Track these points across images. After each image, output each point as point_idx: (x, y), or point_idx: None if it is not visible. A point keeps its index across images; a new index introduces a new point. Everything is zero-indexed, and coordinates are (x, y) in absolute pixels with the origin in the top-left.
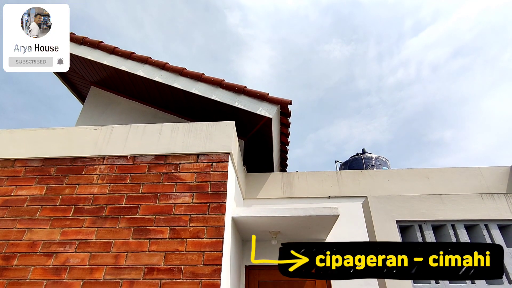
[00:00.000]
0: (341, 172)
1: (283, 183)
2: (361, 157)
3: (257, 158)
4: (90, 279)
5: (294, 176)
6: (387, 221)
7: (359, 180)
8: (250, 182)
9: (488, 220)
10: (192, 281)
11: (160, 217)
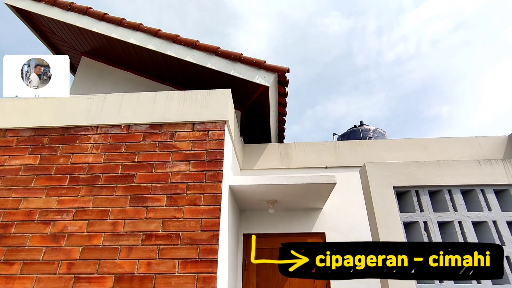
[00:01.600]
0: (339, 143)
1: (280, 154)
2: (359, 129)
3: (254, 129)
4: (89, 246)
5: (291, 146)
6: (384, 187)
7: (356, 150)
8: (247, 153)
9: (484, 185)
10: (190, 246)
11: (156, 185)
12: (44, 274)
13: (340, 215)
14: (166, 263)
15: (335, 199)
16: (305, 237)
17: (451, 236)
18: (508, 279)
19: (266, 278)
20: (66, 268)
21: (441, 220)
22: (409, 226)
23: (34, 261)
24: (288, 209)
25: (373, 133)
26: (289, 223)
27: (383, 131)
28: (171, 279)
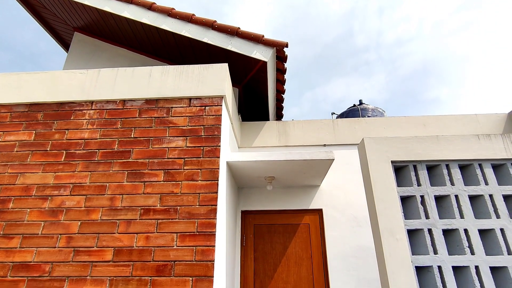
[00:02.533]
0: (337, 120)
1: (278, 131)
2: (358, 108)
3: (252, 108)
4: (87, 220)
5: (289, 124)
6: (382, 162)
7: (355, 127)
8: (245, 131)
9: (482, 159)
10: (188, 220)
11: (153, 160)
12: (44, 247)
13: (337, 193)
14: (165, 236)
15: (332, 176)
16: (303, 214)
17: (447, 210)
18: (501, 250)
19: (264, 253)
20: (66, 241)
21: (438, 194)
22: (406, 200)
23: (33, 235)
24: (286, 186)
25: (372, 112)
26: (287, 200)
27: (382, 110)
28: (170, 252)
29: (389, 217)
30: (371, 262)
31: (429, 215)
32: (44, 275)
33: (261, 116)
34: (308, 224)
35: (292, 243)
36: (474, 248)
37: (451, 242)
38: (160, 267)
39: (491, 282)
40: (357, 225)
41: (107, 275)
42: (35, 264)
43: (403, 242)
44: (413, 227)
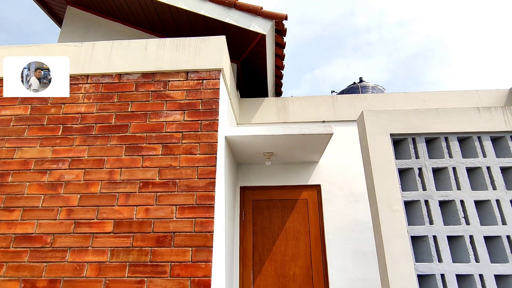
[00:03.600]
0: (337, 97)
1: (277, 108)
2: (358, 86)
3: (250, 84)
4: (87, 193)
5: (288, 101)
6: (381, 135)
7: (354, 104)
8: (243, 108)
9: (482, 132)
10: (187, 193)
11: (151, 134)
12: (45, 220)
13: (336, 168)
14: (164, 209)
15: (331, 152)
16: (301, 189)
17: (444, 182)
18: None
19: (262, 228)
20: (66, 214)
21: (436, 166)
22: (404, 172)
23: (33, 208)
24: (285, 162)
25: (372, 90)
26: (285, 176)
27: (382, 88)
28: (169, 224)
29: (387, 189)
30: (367, 235)
31: (426, 187)
32: (46, 246)
33: (260, 93)
34: (307, 199)
35: (290, 218)
36: (470, 218)
37: (447, 213)
38: (160, 238)
39: (485, 251)
40: (354, 200)
41: (108, 245)
42: (37, 236)
43: (399, 213)
44: (410, 198)
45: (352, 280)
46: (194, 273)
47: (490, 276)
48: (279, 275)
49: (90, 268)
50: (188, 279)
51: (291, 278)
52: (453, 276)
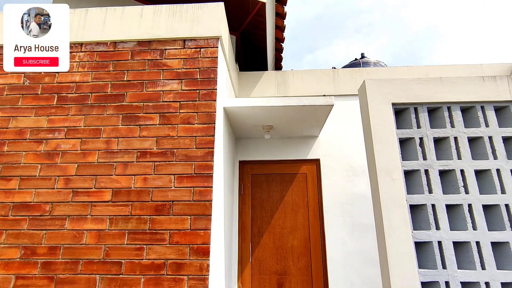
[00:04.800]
0: (338, 70)
1: (277, 82)
2: (359, 61)
3: (250, 58)
4: (84, 162)
5: (289, 74)
6: (382, 104)
7: (356, 78)
8: (242, 81)
9: (485, 101)
10: (185, 163)
11: (148, 104)
12: (42, 189)
13: (335, 143)
14: (162, 178)
15: (331, 127)
16: (300, 163)
17: (445, 152)
18: (495, 190)
19: (261, 201)
20: (64, 183)
21: (437, 136)
22: (404, 142)
23: (31, 177)
24: (284, 137)
25: (373, 66)
26: (284, 151)
27: (384, 64)
28: (168, 193)
29: (387, 158)
30: (366, 209)
31: (427, 157)
32: (45, 214)
33: (259, 67)
34: (306, 173)
35: (289, 192)
36: (469, 187)
37: (447, 183)
38: (158, 207)
39: (482, 219)
40: (354, 175)
41: (106, 214)
42: (35, 204)
43: (399, 182)
44: (410, 168)
45: (349, 252)
46: (193, 240)
47: (487, 243)
48: (277, 247)
49: (89, 236)
50: (187, 246)
51: (289, 250)
52: (450, 243)
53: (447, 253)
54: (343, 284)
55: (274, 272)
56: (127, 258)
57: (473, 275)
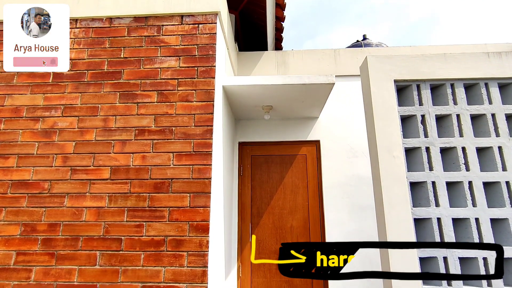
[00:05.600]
0: (339, 50)
1: (277, 62)
2: (361, 43)
3: (249, 38)
4: (82, 140)
5: (289, 55)
6: (384, 81)
7: (357, 58)
8: (242, 61)
9: (489, 78)
10: (184, 140)
11: (146, 81)
12: (41, 166)
13: (335, 124)
14: (161, 156)
15: (332, 108)
16: (300, 145)
17: (447, 129)
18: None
19: (261, 182)
20: (62, 161)
21: (440, 114)
22: (406, 120)
23: (28, 155)
24: (284, 118)
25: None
26: (284, 132)
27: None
28: (167, 170)
29: (388, 135)
30: (365, 190)
31: (428, 134)
32: (43, 192)
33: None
34: (305, 155)
35: (288, 173)
36: (470, 165)
37: (448, 160)
38: (157, 185)
39: (482, 196)
40: (353, 156)
41: (105, 192)
42: (34, 182)
43: (400, 159)
44: (411, 145)
45: (348, 232)
46: (192, 217)
47: (486, 219)
48: (276, 227)
49: (89, 213)
50: (186, 223)
51: (289, 230)
52: (449, 219)
53: (446, 229)
54: None
55: (273, 252)
56: (126, 234)
57: (471, 251)
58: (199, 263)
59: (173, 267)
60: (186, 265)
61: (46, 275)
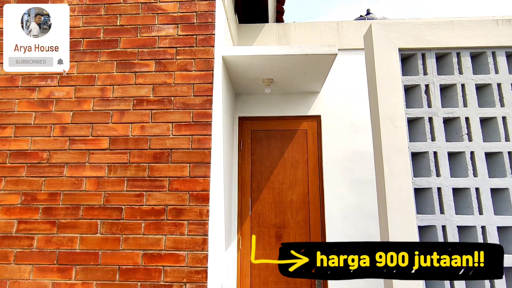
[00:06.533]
0: (342, 23)
1: (278, 35)
2: (365, 18)
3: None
4: (79, 110)
5: (290, 27)
6: (388, 49)
7: (361, 31)
8: (242, 34)
9: (497, 46)
10: (183, 110)
11: (143, 50)
12: (39, 136)
13: (337, 99)
14: (160, 126)
15: (333, 82)
16: (301, 120)
17: (451, 99)
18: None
19: (261, 157)
20: (60, 131)
21: (444, 83)
22: (409, 90)
23: (26, 125)
24: (285, 92)
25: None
26: (285, 107)
27: None
28: (166, 141)
29: (391, 105)
30: (365, 165)
31: (432, 104)
32: (42, 162)
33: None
34: (306, 130)
35: (289, 148)
36: (473, 135)
37: (450, 131)
38: (157, 155)
39: (484, 166)
40: (355, 131)
41: (105, 161)
42: (32, 152)
43: (402, 129)
44: (414, 115)
45: (347, 207)
46: (192, 187)
47: (486, 189)
48: (276, 201)
49: (88, 183)
50: (186, 193)
51: (288, 204)
52: (450, 189)
53: (445, 199)
54: (340, 236)
55: (273, 225)
56: (127, 204)
57: (470, 219)
58: (199, 231)
59: (173, 235)
60: (186, 234)
61: (48, 242)
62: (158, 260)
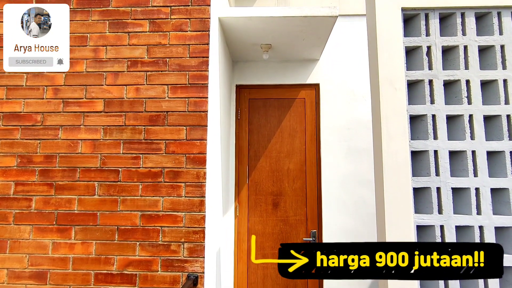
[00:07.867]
0: None
1: None
2: None
3: None
4: (72, 72)
5: None
6: (391, 9)
7: None
8: None
9: (503, 6)
10: (179, 72)
11: (136, 9)
12: (31, 99)
13: (336, 67)
14: (155, 88)
15: (333, 50)
16: (299, 88)
17: (452, 62)
18: (499, 100)
19: (258, 126)
20: (53, 93)
21: (446, 45)
22: (411, 52)
23: (17, 87)
24: (283, 60)
25: None
26: (283, 75)
27: None
28: (162, 103)
29: (391, 67)
30: (363, 133)
31: (433, 66)
32: (37, 124)
33: None
34: (304, 98)
35: (287, 117)
36: (473, 98)
37: (450, 94)
38: (153, 117)
39: (482, 130)
40: (353, 100)
41: (100, 124)
42: (26, 114)
43: (401, 92)
44: (414, 78)
45: (344, 175)
46: (189, 150)
47: (482, 152)
48: (273, 170)
49: (84, 145)
50: (183, 156)
51: (285, 173)
52: (446, 152)
53: (441, 161)
54: (336, 203)
55: (270, 193)
56: (124, 166)
57: (465, 181)
58: (196, 193)
59: (171, 197)
60: (184, 195)
61: (46, 204)
62: (156, 221)
